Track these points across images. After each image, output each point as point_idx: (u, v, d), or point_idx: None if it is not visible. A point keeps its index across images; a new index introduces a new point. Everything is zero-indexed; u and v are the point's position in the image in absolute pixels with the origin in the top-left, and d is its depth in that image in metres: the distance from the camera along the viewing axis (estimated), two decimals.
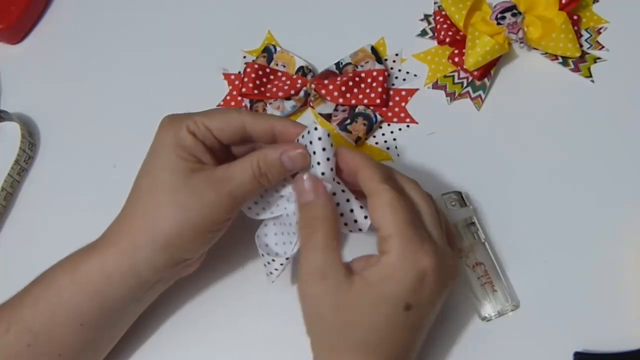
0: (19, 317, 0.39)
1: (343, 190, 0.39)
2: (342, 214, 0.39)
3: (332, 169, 0.38)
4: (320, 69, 0.54)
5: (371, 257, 0.37)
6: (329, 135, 0.38)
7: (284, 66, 0.55)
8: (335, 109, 0.52)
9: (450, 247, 0.40)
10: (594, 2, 0.54)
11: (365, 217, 0.39)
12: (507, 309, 0.44)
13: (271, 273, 0.42)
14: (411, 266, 0.35)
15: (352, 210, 0.39)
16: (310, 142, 0.38)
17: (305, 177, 0.38)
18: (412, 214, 0.36)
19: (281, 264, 0.41)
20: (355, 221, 0.39)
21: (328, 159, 0.38)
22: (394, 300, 0.35)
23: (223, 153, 0.42)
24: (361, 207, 0.39)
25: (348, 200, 0.39)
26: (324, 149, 0.38)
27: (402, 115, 0.52)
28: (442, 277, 0.36)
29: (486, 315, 0.44)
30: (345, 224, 0.39)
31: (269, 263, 0.42)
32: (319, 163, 0.38)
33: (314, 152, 0.38)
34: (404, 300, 0.35)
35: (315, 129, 0.38)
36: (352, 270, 0.36)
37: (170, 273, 0.41)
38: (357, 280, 0.36)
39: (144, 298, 0.42)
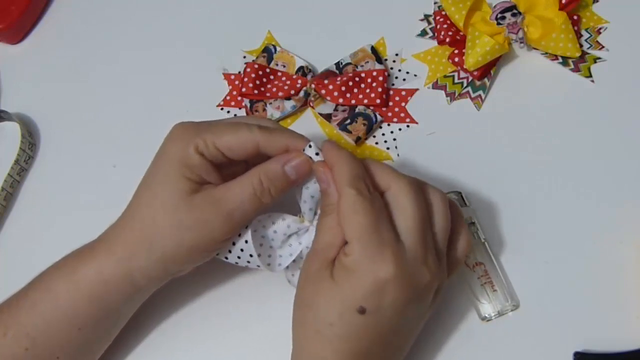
0: (16, 321, 0.39)
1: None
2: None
3: None
4: (320, 69, 0.54)
5: (342, 256, 0.36)
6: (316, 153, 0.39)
7: (284, 66, 0.55)
8: (335, 109, 0.52)
9: (450, 250, 0.39)
10: (594, 2, 0.54)
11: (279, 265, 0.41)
12: (507, 309, 0.44)
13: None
14: (368, 274, 0.35)
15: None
16: (310, 158, 0.39)
17: (320, 167, 0.38)
18: (376, 218, 0.35)
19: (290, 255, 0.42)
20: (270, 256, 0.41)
21: None
22: (348, 301, 0.35)
23: (234, 167, 0.41)
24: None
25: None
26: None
27: (402, 115, 0.52)
28: (407, 286, 0.35)
29: (486, 315, 0.44)
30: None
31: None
32: None
33: None
34: (357, 304, 0.35)
35: (310, 146, 0.38)
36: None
37: (165, 280, 0.42)
38: (328, 272, 0.36)
39: (138, 299, 0.42)
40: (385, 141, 0.51)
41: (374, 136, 0.52)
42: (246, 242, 0.40)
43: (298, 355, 0.38)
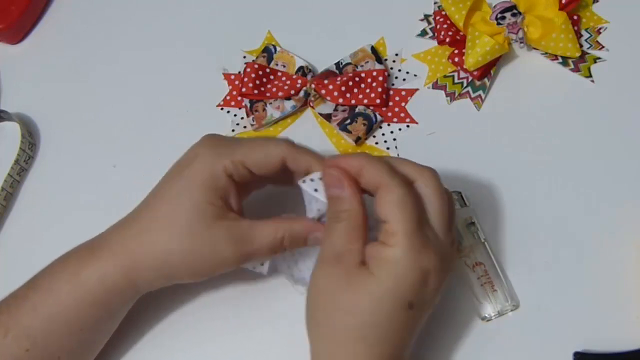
0: (16, 321, 0.39)
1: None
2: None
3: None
4: (320, 69, 0.54)
5: (381, 249, 0.35)
6: (320, 178, 0.38)
7: (284, 66, 0.55)
8: (335, 109, 0.52)
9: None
10: (594, 2, 0.54)
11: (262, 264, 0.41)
12: (507, 309, 0.44)
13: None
14: (417, 266, 0.35)
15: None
16: (316, 190, 0.38)
17: (333, 171, 0.37)
18: (419, 211, 0.36)
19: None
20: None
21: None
22: (400, 299, 0.35)
23: (255, 181, 0.41)
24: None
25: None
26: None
27: (402, 115, 0.52)
28: (443, 274, 0.36)
29: (486, 315, 0.44)
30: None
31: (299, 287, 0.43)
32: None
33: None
34: (408, 299, 0.35)
35: (312, 180, 0.38)
36: (364, 259, 0.36)
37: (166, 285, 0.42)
38: (366, 272, 0.35)
39: (136, 299, 0.43)
40: (385, 141, 0.51)
41: (374, 136, 0.52)
42: None
43: None
